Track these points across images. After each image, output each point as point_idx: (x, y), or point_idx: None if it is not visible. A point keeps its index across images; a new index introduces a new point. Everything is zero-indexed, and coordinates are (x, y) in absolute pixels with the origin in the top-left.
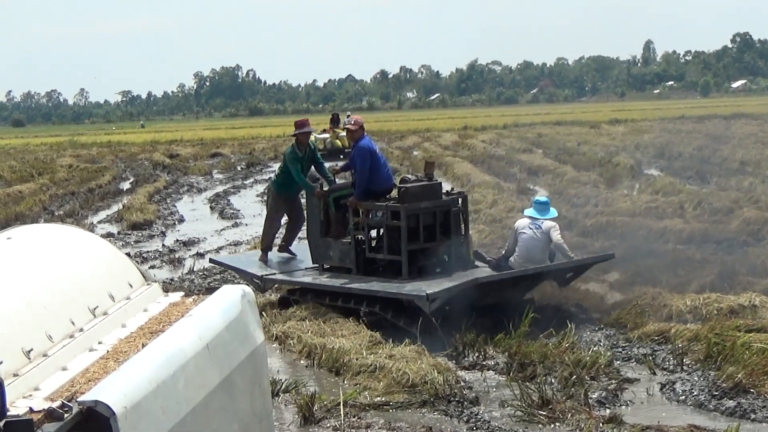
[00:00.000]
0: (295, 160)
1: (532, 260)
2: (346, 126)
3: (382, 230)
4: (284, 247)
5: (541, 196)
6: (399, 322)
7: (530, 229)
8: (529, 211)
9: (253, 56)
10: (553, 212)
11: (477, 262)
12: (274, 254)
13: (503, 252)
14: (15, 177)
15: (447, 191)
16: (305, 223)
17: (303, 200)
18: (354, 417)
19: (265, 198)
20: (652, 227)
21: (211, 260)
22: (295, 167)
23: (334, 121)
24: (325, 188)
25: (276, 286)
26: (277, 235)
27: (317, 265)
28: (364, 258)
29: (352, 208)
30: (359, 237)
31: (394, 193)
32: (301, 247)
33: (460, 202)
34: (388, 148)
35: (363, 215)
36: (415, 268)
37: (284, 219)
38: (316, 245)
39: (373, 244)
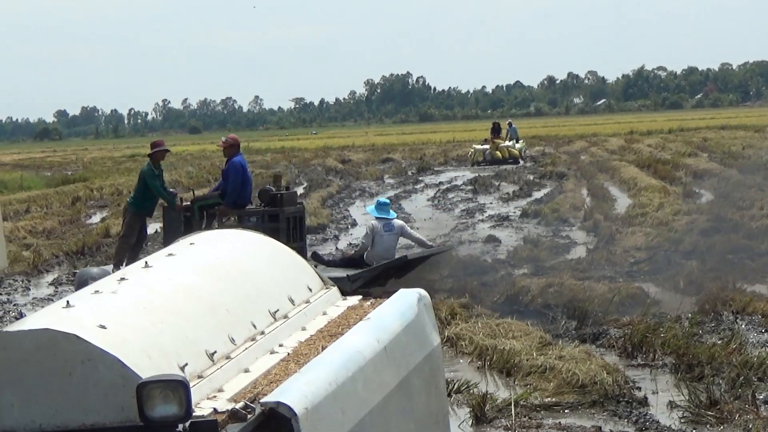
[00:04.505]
0: (154, 177)
1: (388, 257)
2: (220, 144)
3: None
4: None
5: (383, 197)
6: None
7: (386, 231)
8: (371, 209)
9: (423, 63)
10: (393, 213)
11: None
12: None
13: (353, 251)
14: (192, 182)
15: None
16: (163, 236)
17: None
18: (525, 417)
19: (126, 217)
20: None
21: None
22: (156, 183)
23: (495, 131)
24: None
25: None
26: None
27: None
28: None
29: (223, 216)
30: None
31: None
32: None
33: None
34: (555, 153)
35: (232, 222)
36: None
37: None
38: None
39: None
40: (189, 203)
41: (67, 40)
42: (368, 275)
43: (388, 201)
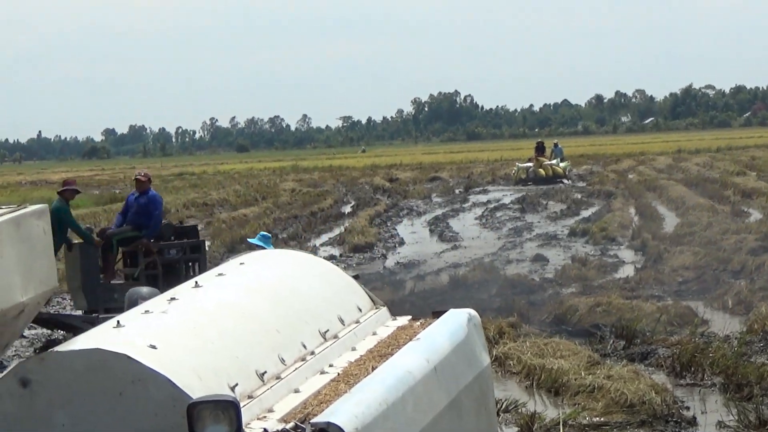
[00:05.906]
0: (70, 213)
1: None
2: (137, 177)
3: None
4: None
5: (264, 231)
6: None
7: None
8: (258, 241)
9: (470, 81)
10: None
11: None
12: None
13: None
14: (240, 201)
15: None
16: (81, 271)
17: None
18: None
19: None
20: None
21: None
22: (73, 219)
23: (539, 150)
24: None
25: None
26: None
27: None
28: None
29: (145, 249)
30: (153, 274)
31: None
32: None
33: None
34: (603, 172)
35: (155, 255)
36: None
37: None
38: (94, 290)
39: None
40: (106, 238)
41: (115, 59)
42: None
43: (269, 234)
